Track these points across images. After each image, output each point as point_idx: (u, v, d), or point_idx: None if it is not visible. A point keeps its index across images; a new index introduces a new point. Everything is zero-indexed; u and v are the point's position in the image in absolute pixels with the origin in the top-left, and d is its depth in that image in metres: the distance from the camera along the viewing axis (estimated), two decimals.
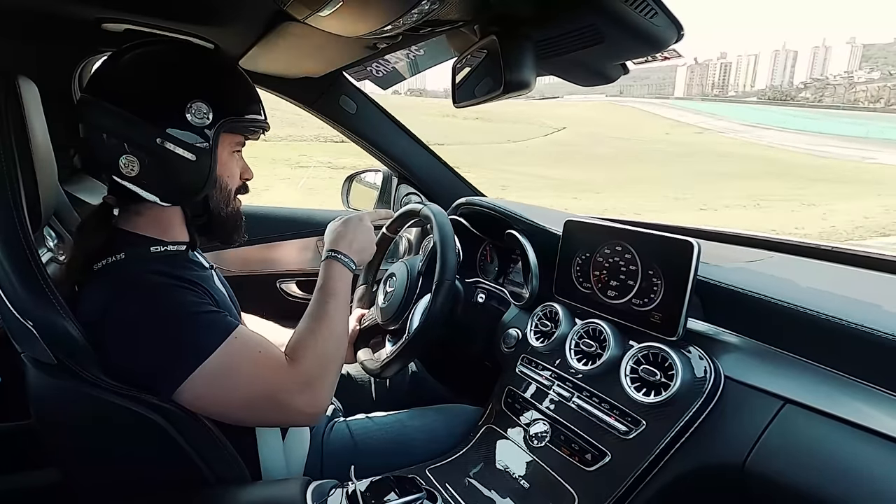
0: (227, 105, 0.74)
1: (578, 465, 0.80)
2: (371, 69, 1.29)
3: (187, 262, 0.78)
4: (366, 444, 0.94)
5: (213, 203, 0.78)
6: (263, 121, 0.80)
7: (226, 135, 0.76)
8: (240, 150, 0.81)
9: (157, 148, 0.70)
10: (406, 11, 0.64)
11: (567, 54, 0.80)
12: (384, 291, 1.09)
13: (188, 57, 0.77)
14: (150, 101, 0.70)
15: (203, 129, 0.72)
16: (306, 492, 0.66)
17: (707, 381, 0.72)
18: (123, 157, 0.70)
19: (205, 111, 0.71)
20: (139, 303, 0.67)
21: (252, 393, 0.69)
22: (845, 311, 0.68)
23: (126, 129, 0.70)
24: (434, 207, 1.01)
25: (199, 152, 0.72)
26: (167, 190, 0.73)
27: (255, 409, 0.71)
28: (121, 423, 0.66)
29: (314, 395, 0.72)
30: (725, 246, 1.12)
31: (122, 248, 0.72)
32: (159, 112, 0.70)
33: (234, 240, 0.84)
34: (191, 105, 0.70)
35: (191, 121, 0.71)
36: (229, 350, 0.68)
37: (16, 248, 0.63)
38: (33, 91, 0.77)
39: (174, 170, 0.72)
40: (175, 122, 0.70)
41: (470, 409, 1.06)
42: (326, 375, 0.75)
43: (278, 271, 1.56)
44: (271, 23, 0.93)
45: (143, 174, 0.71)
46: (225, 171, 0.78)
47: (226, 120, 0.73)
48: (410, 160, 1.61)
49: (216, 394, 0.68)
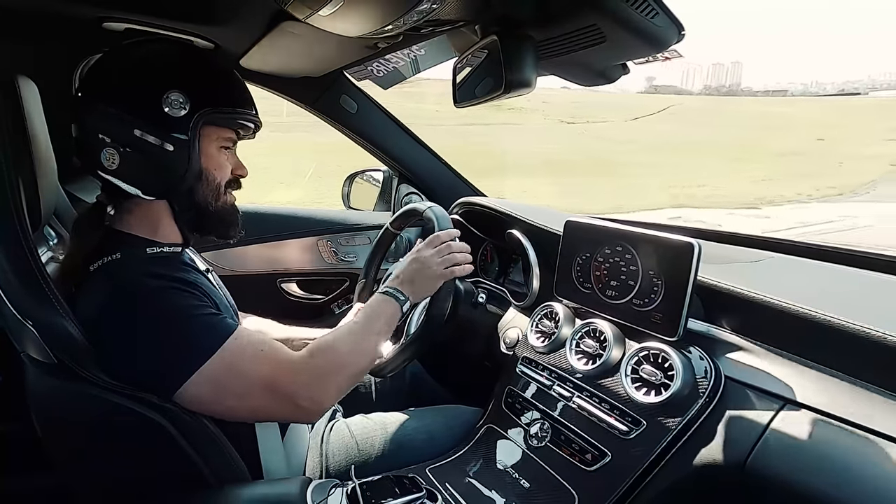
0: (205, 96, 0.74)
1: (579, 465, 0.80)
2: (372, 69, 1.29)
3: (183, 264, 0.78)
4: (365, 443, 0.95)
5: (199, 197, 0.78)
6: (251, 115, 0.79)
7: (210, 127, 0.76)
8: (230, 146, 0.81)
9: (135, 140, 0.70)
10: (407, 11, 0.64)
11: (568, 54, 0.80)
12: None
13: (166, 51, 0.77)
14: (127, 94, 0.71)
15: (180, 119, 0.72)
16: (307, 491, 0.66)
17: (707, 382, 0.72)
18: (104, 150, 0.71)
19: (181, 101, 0.71)
20: (138, 306, 0.67)
21: (253, 389, 0.69)
22: (845, 311, 0.68)
23: (106, 123, 0.71)
24: (437, 208, 1.01)
25: (178, 143, 0.72)
26: (148, 182, 0.73)
27: (255, 405, 0.70)
28: (121, 422, 0.66)
29: (319, 391, 0.72)
30: (726, 246, 1.12)
31: (117, 248, 0.72)
32: (136, 104, 0.71)
33: (231, 235, 0.84)
34: (167, 96, 0.71)
35: (168, 112, 0.71)
36: (230, 351, 0.68)
37: (16, 248, 0.63)
38: (33, 91, 0.77)
39: (153, 161, 0.72)
40: (152, 114, 0.70)
41: (468, 410, 1.06)
42: (336, 377, 0.75)
43: (279, 271, 1.56)
44: (272, 22, 0.93)
45: (123, 167, 0.71)
46: (211, 164, 0.77)
47: (204, 111, 0.73)
48: (411, 160, 1.61)
49: (217, 394, 0.67)
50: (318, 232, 1.57)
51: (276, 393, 0.69)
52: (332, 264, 1.58)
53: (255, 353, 0.70)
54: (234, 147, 0.82)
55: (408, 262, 0.90)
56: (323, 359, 0.74)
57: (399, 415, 1.02)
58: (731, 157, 19.19)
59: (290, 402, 0.70)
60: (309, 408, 0.72)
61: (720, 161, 18.36)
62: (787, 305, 0.73)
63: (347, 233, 1.59)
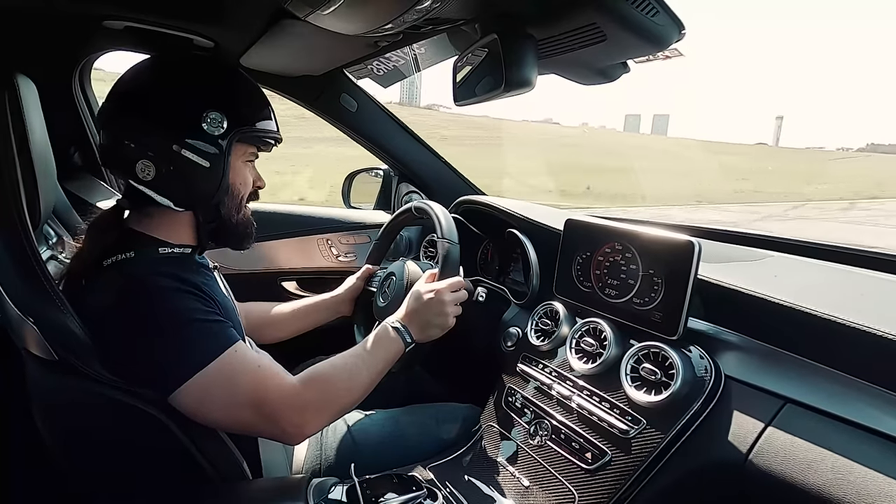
0: (240, 115, 0.77)
1: (579, 463, 0.80)
2: (372, 67, 1.28)
3: (194, 265, 0.80)
4: (363, 440, 0.95)
5: (224, 210, 0.80)
6: (275, 132, 0.83)
7: (239, 144, 0.78)
8: (252, 160, 0.84)
9: (174, 155, 0.72)
10: (407, 9, 0.64)
11: (568, 53, 0.80)
12: (383, 292, 1.09)
13: (206, 69, 0.80)
14: (170, 112, 0.73)
15: (217, 137, 0.74)
16: (307, 489, 0.66)
17: (707, 381, 0.72)
18: (140, 162, 0.72)
19: (220, 121, 0.74)
20: (146, 303, 0.67)
21: (241, 404, 0.69)
22: (845, 310, 0.68)
23: (145, 137, 0.72)
24: (437, 207, 1.00)
25: (213, 159, 0.75)
26: (181, 195, 0.76)
27: (240, 419, 0.70)
28: (122, 419, 0.67)
29: (305, 420, 0.73)
30: (726, 245, 1.12)
31: (132, 247, 0.73)
32: (178, 121, 0.73)
33: (244, 246, 0.86)
34: (207, 115, 0.73)
35: (206, 129, 0.73)
36: (227, 361, 0.68)
37: (16, 245, 0.63)
38: (32, 89, 0.77)
39: (189, 176, 0.74)
40: (192, 131, 0.73)
41: (465, 407, 1.07)
42: (325, 411, 0.76)
43: (279, 269, 1.56)
44: (271, 20, 0.93)
45: (158, 179, 0.73)
46: (238, 178, 0.80)
47: (238, 129, 0.76)
48: (411, 158, 1.61)
49: (205, 402, 0.67)
50: (318, 230, 1.57)
51: (262, 412, 0.70)
52: (332, 263, 1.58)
53: (251, 368, 0.70)
54: (254, 160, 0.84)
55: (423, 301, 0.88)
56: (316, 390, 0.75)
57: (397, 411, 1.03)
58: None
59: (274, 424, 0.71)
60: (292, 433, 0.73)
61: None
62: (787, 304, 0.73)
63: (347, 231, 1.59)
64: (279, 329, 1.12)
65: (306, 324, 1.14)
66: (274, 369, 0.74)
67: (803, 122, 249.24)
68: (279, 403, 0.70)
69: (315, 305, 1.15)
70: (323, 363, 0.79)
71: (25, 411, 0.74)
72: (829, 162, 56.51)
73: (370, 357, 0.82)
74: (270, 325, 1.11)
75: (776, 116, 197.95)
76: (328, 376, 0.77)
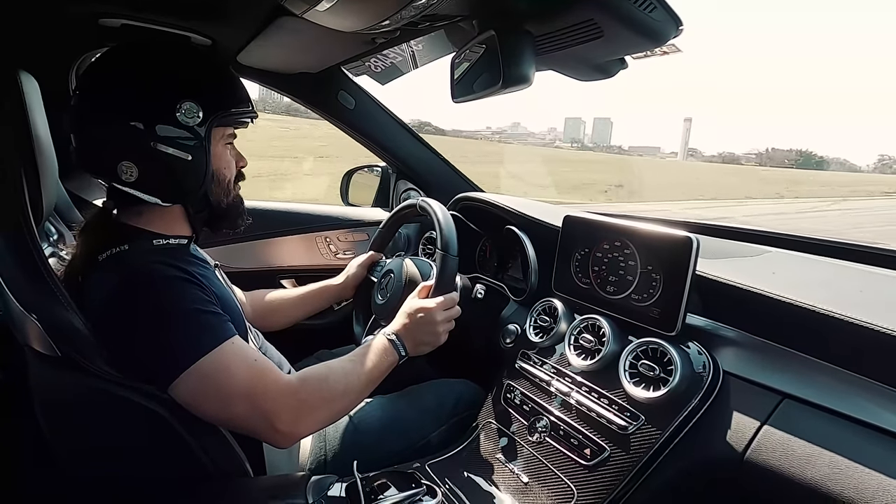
0: (215, 101, 0.74)
1: (577, 460, 0.80)
2: (369, 64, 1.28)
3: (189, 256, 0.79)
4: (366, 428, 0.96)
5: (213, 197, 0.79)
6: (251, 111, 0.80)
7: (217, 129, 0.76)
8: (231, 142, 0.82)
9: (152, 152, 0.70)
10: (404, 6, 0.64)
11: (566, 49, 0.80)
12: (382, 289, 1.09)
13: (172, 57, 0.76)
14: (140, 106, 0.70)
15: (194, 127, 0.72)
16: (307, 486, 0.66)
17: (706, 376, 0.72)
18: (121, 164, 0.70)
19: (195, 110, 0.72)
20: (144, 292, 0.67)
21: (236, 397, 0.68)
22: (843, 305, 0.68)
23: (120, 137, 0.70)
24: (441, 212, 1.00)
25: (195, 151, 0.73)
26: (168, 191, 0.74)
27: (234, 413, 0.69)
28: (125, 415, 0.66)
29: (299, 420, 0.72)
30: (724, 241, 1.12)
31: (125, 241, 0.73)
32: (150, 116, 0.70)
33: (239, 225, 0.85)
34: (180, 105, 0.71)
35: (181, 121, 0.71)
36: (224, 353, 0.68)
37: (19, 242, 0.63)
38: (34, 86, 0.77)
39: (172, 171, 0.72)
40: (167, 126, 0.70)
41: (458, 382, 1.09)
42: (319, 412, 0.75)
43: (278, 267, 1.56)
44: (269, 18, 0.93)
45: (142, 179, 0.72)
46: (220, 163, 0.79)
47: (216, 115, 0.74)
48: (409, 155, 1.61)
49: (200, 394, 0.67)
50: (316, 228, 1.57)
51: (256, 406, 0.69)
52: (331, 260, 1.58)
53: (248, 361, 0.70)
54: (233, 141, 0.83)
55: (415, 319, 0.87)
56: (312, 390, 0.74)
57: (395, 395, 1.05)
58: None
59: (267, 421, 0.69)
60: (285, 432, 0.71)
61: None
62: (785, 300, 0.73)
63: (346, 229, 1.60)
64: (285, 315, 1.13)
65: (311, 309, 1.15)
66: (270, 364, 0.73)
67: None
68: (274, 398, 0.70)
69: (319, 291, 1.16)
70: (320, 365, 0.79)
71: (28, 408, 0.74)
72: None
73: (366, 365, 0.81)
74: (276, 312, 1.12)
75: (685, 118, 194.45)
76: (324, 377, 0.76)
